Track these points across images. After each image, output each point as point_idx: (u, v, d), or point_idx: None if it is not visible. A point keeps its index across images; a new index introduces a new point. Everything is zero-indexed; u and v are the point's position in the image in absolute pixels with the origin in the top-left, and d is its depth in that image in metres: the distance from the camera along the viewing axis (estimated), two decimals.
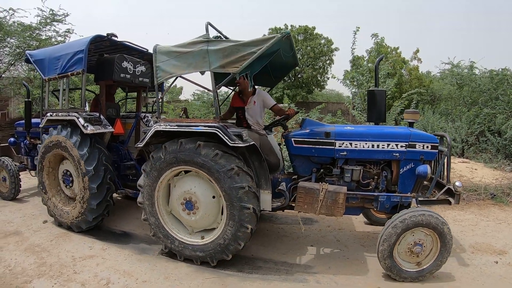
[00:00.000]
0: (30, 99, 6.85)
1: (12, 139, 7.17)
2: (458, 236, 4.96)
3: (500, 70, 11.87)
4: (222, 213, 4.07)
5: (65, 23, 14.16)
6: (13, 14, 13.18)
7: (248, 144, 3.83)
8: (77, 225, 5.02)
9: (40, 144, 5.44)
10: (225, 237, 3.95)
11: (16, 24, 13.34)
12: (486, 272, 3.98)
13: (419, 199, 4.01)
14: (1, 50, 13.70)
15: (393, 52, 16.76)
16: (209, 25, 3.98)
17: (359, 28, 10.66)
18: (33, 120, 6.65)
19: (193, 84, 4.40)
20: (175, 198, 4.17)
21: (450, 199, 3.99)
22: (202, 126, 3.89)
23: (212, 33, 4.19)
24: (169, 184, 4.30)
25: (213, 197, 4.06)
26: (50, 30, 13.98)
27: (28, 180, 7.58)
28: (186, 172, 4.19)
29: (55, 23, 13.87)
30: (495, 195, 6.73)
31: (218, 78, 4.20)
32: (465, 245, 4.70)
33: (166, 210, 4.32)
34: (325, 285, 3.72)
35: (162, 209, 4.28)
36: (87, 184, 4.74)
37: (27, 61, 5.80)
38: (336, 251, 4.59)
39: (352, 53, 11.13)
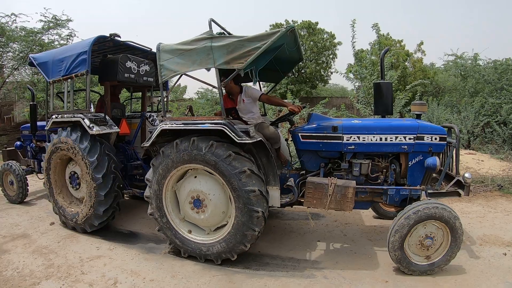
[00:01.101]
0: (35, 102, 6.87)
1: (18, 142, 7.20)
2: (466, 228, 4.91)
3: (504, 60, 11.81)
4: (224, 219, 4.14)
5: (67, 28, 14.27)
6: (15, 19, 13.25)
7: (255, 140, 3.81)
8: (86, 225, 5.03)
9: (46, 146, 5.44)
10: (210, 249, 4.06)
11: (18, 29, 13.41)
12: (495, 264, 3.93)
13: (429, 191, 3.97)
14: (4, 55, 13.80)
15: (397, 45, 16.70)
16: (212, 22, 3.95)
17: (355, 20, 10.59)
18: (39, 123, 6.66)
19: (197, 83, 4.38)
20: (189, 189, 4.11)
21: (460, 191, 3.95)
22: (208, 123, 3.87)
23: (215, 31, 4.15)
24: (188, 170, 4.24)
25: (223, 212, 4.09)
26: (52, 34, 14.08)
27: (35, 183, 7.62)
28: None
29: (58, 27, 13.97)
30: (502, 186, 6.69)
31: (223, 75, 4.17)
32: (473, 237, 4.66)
33: (172, 186, 4.28)
34: (332, 280, 3.70)
35: (170, 185, 4.23)
36: (93, 179, 4.76)
37: (31, 64, 5.81)
38: (343, 246, 4.57)
39: (353, 47, 11.05)
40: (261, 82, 5.87)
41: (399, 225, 3.56)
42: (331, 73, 26.04)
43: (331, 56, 25.51)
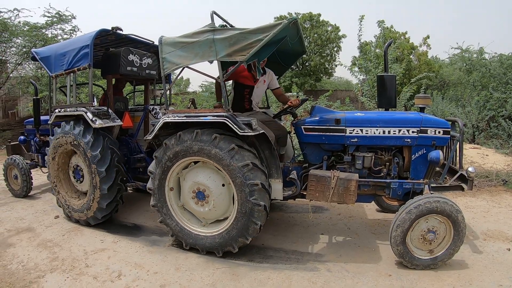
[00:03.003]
0: (38, 97, 6.88)
1: (22, 137, 7.24)
2: (470, 223, 4.90)
3: (510, 54, 11.69)
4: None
5: (71, 24, 14.31)
6: (18, 14, 13.28)
7: (257, 132, 3.79)
8: (87, 220, 5.05)
9: (50, 140, 5.46)
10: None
11: (21, 24, 13.44)
12: (498, 259, 3.91)
13: (432, 185, 3.94)
14: (8, 50, 13.84)
15: (402, 37, 16.58)
16: (214, 14, 3.93)
17: (363, 16, 10.54)
18: (42, 118, 6.68)
19: (201, 76, 4.37)
20: (196, 179, 4.08)
21: (463, 185, 3.92)
22: (210, 116, 3.86)
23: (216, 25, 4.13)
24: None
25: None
26: (56, 28, 14.11)
27: (39, 177, 7.67)
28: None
29: (61, 22, 14.02)
30: (507, 181, 6.63)
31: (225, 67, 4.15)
32: (477, 232, 4.64)
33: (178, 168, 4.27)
34: (336, 273, 3.70)
35: (177, 168, 4.21)
36: (97, 177, 4.76)
37: (33, 59, 5.80)
38: (347, 239, 4.56)
39: (359, 40, 11.02)
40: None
41: (401, 220, 3.54)
42: (336, 66, 25.94)
43: (335, 49, 25.38)
